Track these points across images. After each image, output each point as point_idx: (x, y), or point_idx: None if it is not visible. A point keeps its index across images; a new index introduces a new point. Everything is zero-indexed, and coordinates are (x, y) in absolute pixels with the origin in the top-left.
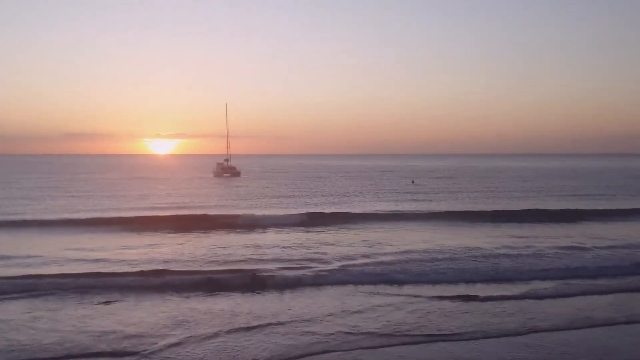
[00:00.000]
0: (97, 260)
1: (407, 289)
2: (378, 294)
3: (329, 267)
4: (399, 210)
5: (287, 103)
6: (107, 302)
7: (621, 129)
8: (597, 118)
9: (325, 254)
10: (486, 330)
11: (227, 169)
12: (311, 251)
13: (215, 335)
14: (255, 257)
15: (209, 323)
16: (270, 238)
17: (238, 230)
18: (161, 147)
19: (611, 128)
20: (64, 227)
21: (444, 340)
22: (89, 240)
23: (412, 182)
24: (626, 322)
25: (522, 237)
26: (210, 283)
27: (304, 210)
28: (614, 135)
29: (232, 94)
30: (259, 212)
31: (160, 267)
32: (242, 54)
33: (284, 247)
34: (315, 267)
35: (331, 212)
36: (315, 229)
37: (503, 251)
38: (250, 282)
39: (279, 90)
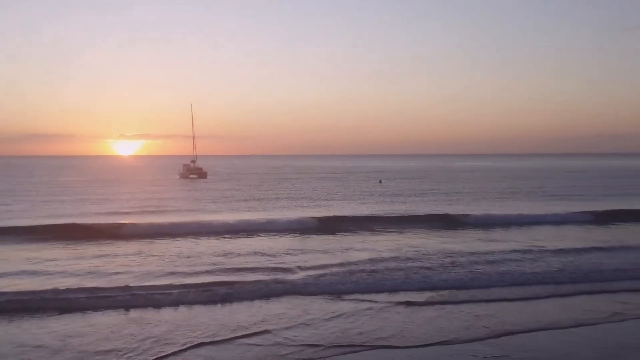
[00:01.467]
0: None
1: (355, 297)
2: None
3: (286, 277)
4: (372, 214)
5: (254, 103)
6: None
7: (588, 129)
8: (565, 119)
9: (284, 263)
10: (427, 337)
11: (193, 171)
12: (275, 260)
13: None
14: (215, 267)
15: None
16: (238, 244)
17: (195, 237)
18: (125, 148)
19: (578, 128)
20: None
21: (386, 347)
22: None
23: (380, 181)
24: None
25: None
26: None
27: (276, 215)
28: (580, 136)
29: (199, 94)
30: (232, 217)
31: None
32: (209, 54)
33: (246, 254)
34: (270, 277)
35: (299, 218)
36: (284, 235)
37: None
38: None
39: (247, 90)
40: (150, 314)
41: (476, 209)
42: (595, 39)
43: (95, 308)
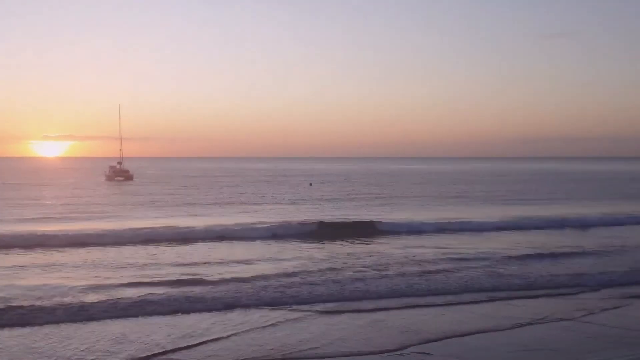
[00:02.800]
0: None
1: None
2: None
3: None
4: (296, 221)
5: (186, 105)
6: None
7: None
8: (497, 122)
9: (196, 275)
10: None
11: (119, 173)
12: (188, 271)
13: None
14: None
15: None
16: (152, 254)
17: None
18: (49, 149)
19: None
20: None
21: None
22: None
23: (310, 184)
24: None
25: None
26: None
27: (199, 222)
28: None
29: (127, 94)
30: (151, 223)
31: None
32: (138, 54)
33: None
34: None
35: (222, 224)
36: (207, 243)
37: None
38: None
39: (179, 91)
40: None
41: (394, 214)
42: (515, 45)
43: None
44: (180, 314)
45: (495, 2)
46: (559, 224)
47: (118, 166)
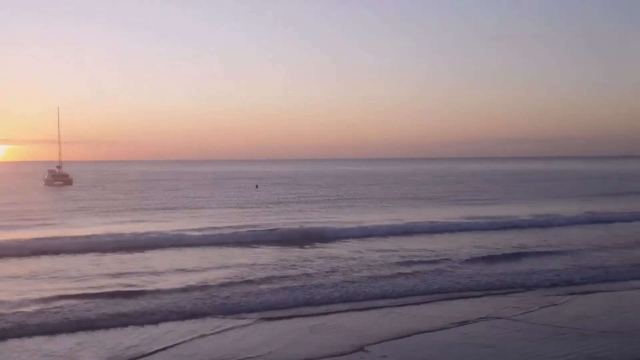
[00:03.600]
0: None
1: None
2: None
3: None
4: (241, 225)
5: (129, 108)
6: None
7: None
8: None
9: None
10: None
11: (58, 177)
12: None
13: None
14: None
15: None
16: (91, 262)
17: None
18: None
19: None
20: None
21: None
22: None
23: (256, 187)
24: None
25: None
26: None
27: (139, 228)
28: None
29: (67, 97)
30: (87, 231)
31: None
32: (79, 56)
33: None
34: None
35: (165, 231)
36: (149, 251)
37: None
38: None
39: (122, 94)
40: None
41: (344, 217)
42: (467, 48)
43: None
44: (113, 328)
45: (449, 5)
46: (507, 225)
47: (57, 170)
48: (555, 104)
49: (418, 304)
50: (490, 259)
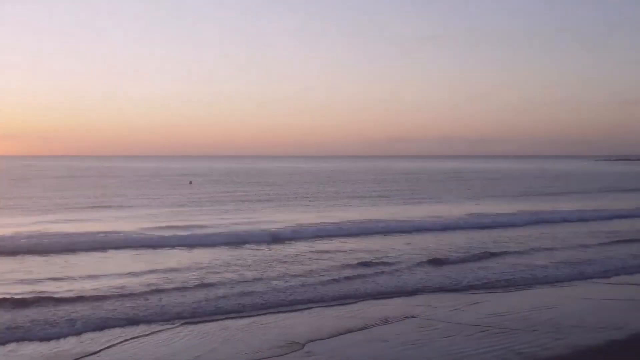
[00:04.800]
0: None
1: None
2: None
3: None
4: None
5: (53, 102)
6: None
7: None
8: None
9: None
10: None
11: None
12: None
13: None
14: None
15: None
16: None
17: None
18: None
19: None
20: None
21: None
22: None
23: (190, 182)
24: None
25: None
26: None
27: (61, 228)
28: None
29: None
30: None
31: None
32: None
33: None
34: None
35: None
36: (62, 254)
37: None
38: None
39: (44, 87)
40: None
41: (279, 215)
42: (392, 50)
43: None
44: (14, 342)
45: (368, 7)
46: (450, 226)
47: None
48: (486, 104)
49: (351, 303)
50: (432, 262)
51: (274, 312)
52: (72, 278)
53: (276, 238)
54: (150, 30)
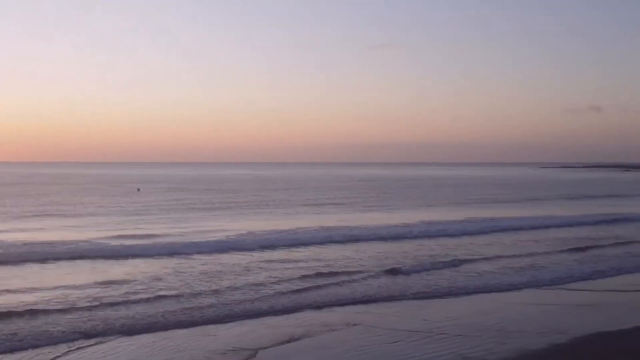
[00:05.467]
0: None
1: None
2: None
3: None
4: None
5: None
6: None
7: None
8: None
9: None
10: None
11: None
12: None
13: None
14: None
15: None
16: None
17: None
18: None
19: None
20: None
21: None
22: None
23: (138, 190)
24: None
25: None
26: None
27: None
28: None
29: None
30: None
31: None
32: None
33: None
34: None
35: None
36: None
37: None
38: None
39: None
40: None
41: (232, 224)
42: (344, 57)
43: None
44: None
45: (323, 15)
46: (399, 235)
47: None
48: (439, 111)
49: (295, 312)
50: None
51: (223, 322)
52: (11, 291)
53: (226, 247)
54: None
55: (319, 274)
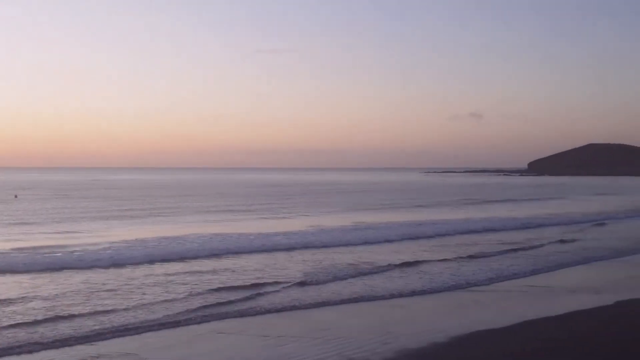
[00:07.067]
0: None
1: None
2: None
3: None
4: None
5: None
6: None
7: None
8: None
9: None
10: None
11: None
12: None
13: None
14: None
15: None
16: None
17: None
18: None
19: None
20: None
21: None
22: None
23: (15, 196)
24: None
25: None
26: None
27: None
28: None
29: None
30: None
31: None
32: None
33: None
34: None
35: None
36: None
37: None
38: None
39: None
40: None
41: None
42: (233, 61)
43: None
44: None
45: (208, 19)
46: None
47: None
48: (316, 116)
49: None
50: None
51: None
52: None
53: (112, 261)
54: None
55: (220, 289)
